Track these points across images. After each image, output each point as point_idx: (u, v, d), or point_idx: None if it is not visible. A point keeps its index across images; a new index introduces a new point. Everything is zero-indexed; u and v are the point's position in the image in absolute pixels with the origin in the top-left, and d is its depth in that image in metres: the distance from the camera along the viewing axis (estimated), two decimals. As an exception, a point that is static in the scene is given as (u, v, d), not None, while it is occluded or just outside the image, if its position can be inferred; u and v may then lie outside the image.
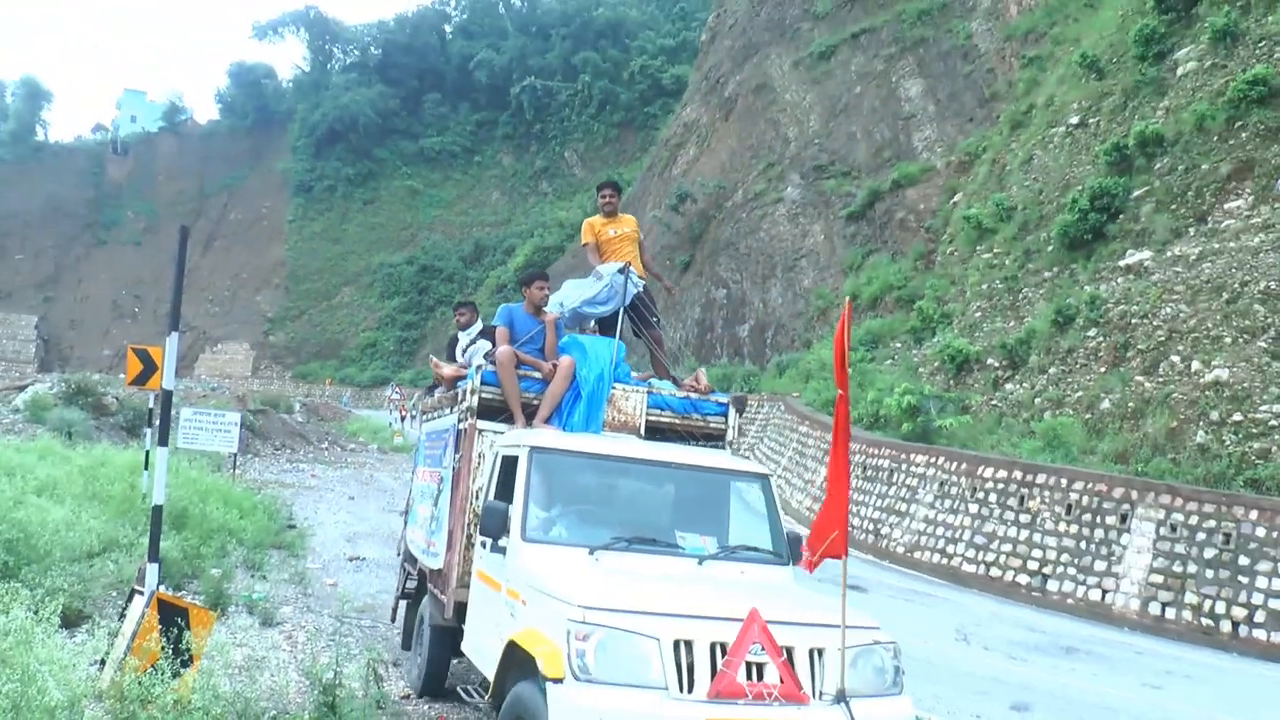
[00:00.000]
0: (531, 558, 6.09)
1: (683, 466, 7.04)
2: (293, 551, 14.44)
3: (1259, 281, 17.51)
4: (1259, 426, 15.56)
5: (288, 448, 30.60)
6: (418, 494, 9.73)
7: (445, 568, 7.62)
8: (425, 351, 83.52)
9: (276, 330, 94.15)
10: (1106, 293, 20.62)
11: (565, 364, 7.63)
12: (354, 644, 8.50)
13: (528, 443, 6.69)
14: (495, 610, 6.37)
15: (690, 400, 8.04)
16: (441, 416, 8.96)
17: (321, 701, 6.43)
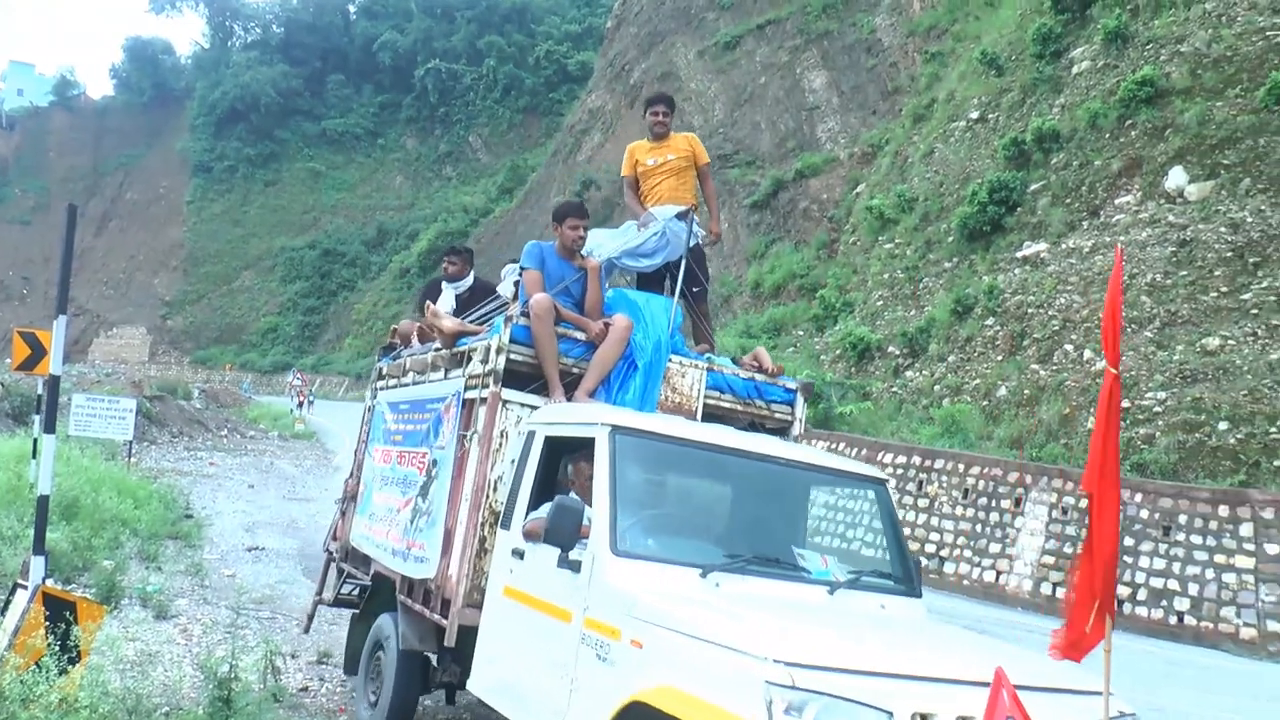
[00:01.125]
0: (627, 579, 4.61)
1: (796, 465, 5.67)
2: (189, 542, 14.11)
3: (1146, 274, 18.10)
4: (1144, 413, 16.11)
5: (186, 435, 29.89)
6: (374, 478, 7.85)
7: (440, 579, 6.00)
8: (328, 336, 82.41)
9: (175, 314, 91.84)
10: (1004, 283, 21.14)
11: (622, 325, 6.08)
12: (251, 636, 8.34)
13: (606, 421, 5.13)
14: (558, 647, 4.83)
15: (754, 383, 6.72)
16: (427, 382, 7.10)
17: (216, 696, 6.28)
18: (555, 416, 5.71)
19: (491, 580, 5.65)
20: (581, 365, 6.05)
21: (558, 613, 4.94)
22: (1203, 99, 19.44)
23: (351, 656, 7.66)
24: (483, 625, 5.64)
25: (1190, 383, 15.75)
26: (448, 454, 6.22)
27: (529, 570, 5.29)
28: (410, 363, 7.50)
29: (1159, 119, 20.17)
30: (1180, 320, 16.93)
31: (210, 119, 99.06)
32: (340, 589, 8.29)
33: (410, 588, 6.45)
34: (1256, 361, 15.10)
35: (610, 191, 50.04)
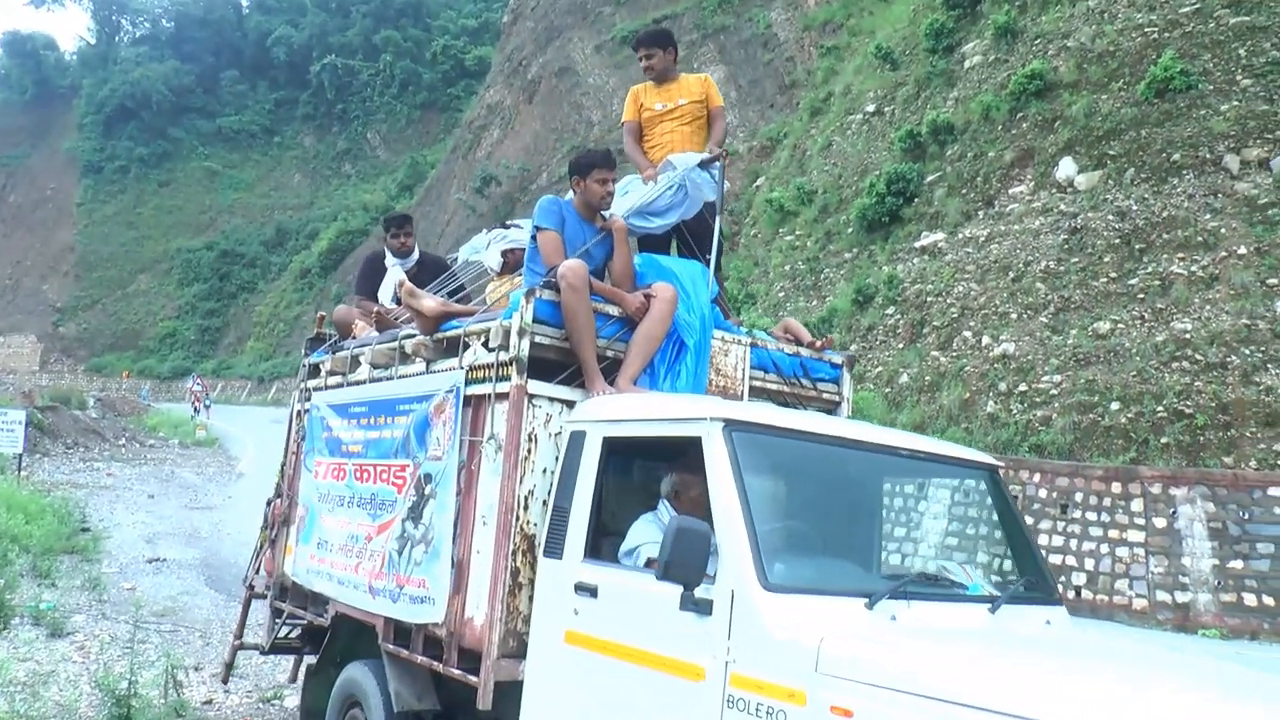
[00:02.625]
0: (788, 620, 3.61)
1: (918, 455, 4.72)
2: (86, 556, 13.71)
3: (1040, 261, 18.58)
4: (1041, 396, 16.54)
5: (81, 446, 29.01)
6: (318, 498, 6.51)
7: (454, 624, 4.93)
8: (228, 340, 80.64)
9: (67, 321, 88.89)
10: (903, 273, 21.52)
11: (667, 297, 5.01)
12: (152, 650, 8.15)
13: (716, 415, 4.07)
14: (684, 713, 3.83)
15: (800, 360, 5.85)
16: (395, 378, 5.85)
17: (115, 714, 6.15)
18: (619, 411, 4.58)
19: (541, 624, 4.57)
20: (616, 347, 5.01)
21: (678, 668, 3.86)
22: (1089, 92, 20.02)
23: (310, 715, 6.53)
24: (532, 681, 4.55)
25: (1083, 365, 16.22)
26: (447, 466, 5.10)
27: (611, 612, 4.22)
28: (369, 354, 6.15)
29: (1048, 111, 20.71)
30: (1073, 305, 17.42)
31: (99, 117, 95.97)
32: (278, 633, 7.08)
33: (399, 634, 5.39)
34: (1144, 344, 15.60)
35: (511, 187, 49.87)
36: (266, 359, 71.58)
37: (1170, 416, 14.51)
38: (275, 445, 30.17)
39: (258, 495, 21.57)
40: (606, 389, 4.73)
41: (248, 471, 27.20)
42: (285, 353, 70.07)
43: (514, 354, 4.72)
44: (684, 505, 4.36)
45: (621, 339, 5.02)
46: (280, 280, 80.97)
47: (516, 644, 4.61)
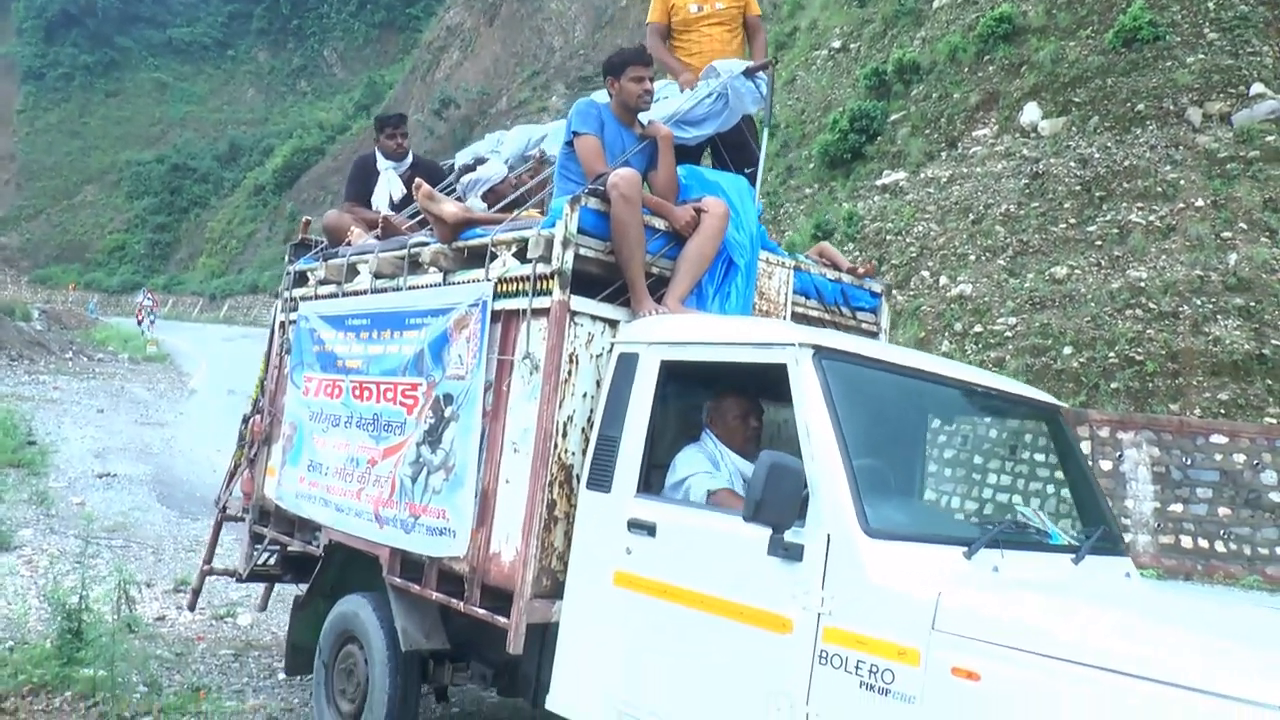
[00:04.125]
0: (892, 569, 3.30)
1: (992, 393, 4.38)
2: (33, 469, 13.52)
3: (1000, 205, 18.66)
4: (996, 337, 16.71)
5: (26, 358, 28.49)
6: (309, 417, 6.04)
7: (477, 559, 4.56)
8: (180, 255, 79.35)
9: (9, 230, 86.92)
10: (864, 210, 21.55)
11: (719, 212, 4.64)
12: (103, 565, 8.08)
13: (805, 342, 3.71)
14: (765, 668, 3.49)
15: (841, 286, 5.47)
16: (405, 289, 5.39)
17: (65, 628, 6.09)
18: (680, 333, 4.19)
19: (582, 563, 4.22)
20: (661, 264, 4.66)
21: (761, 618, 3.52)
22: (1056, 38, 20.00)
23: (297, 650, 6.08)
24: (570, 625, 4.24)
25: (1039, 309, 16.38)
26: (471, 386, 4.67)
27: (673, 553, 3.88)
28: (372, 262, 5.65)
29: (1015, 55, 20.67)
30: (1031, 250, 17.54)
31: (39, 22, 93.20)
32: (256, 560, 6.74)
33: (406, 567, 5.07)
34: (1099, 290, 15.77)
35: (469, 110, 49.15)
36: (219, 276, 70.61)
37: (1121, 362, 14.72)
38: (228, 363, 30.03)
39: (210, 412, 21.51)
40: (656, 309, 4.41)
41: (200, 388, 26.91)
42: (238, 270, 69.19)
43: (556, 267, 4.31)
44: (721, 432, 4.19)
45: (667, 255, 4.68)
46: (233, 196, 79.66)
47: (551, 583, 4.28)
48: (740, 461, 4.13)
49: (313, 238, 6.96)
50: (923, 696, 3.08)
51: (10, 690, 5.70)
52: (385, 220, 5.99)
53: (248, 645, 7.39)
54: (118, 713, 5.58)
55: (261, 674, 6.75)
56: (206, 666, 6.81)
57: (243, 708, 5.98)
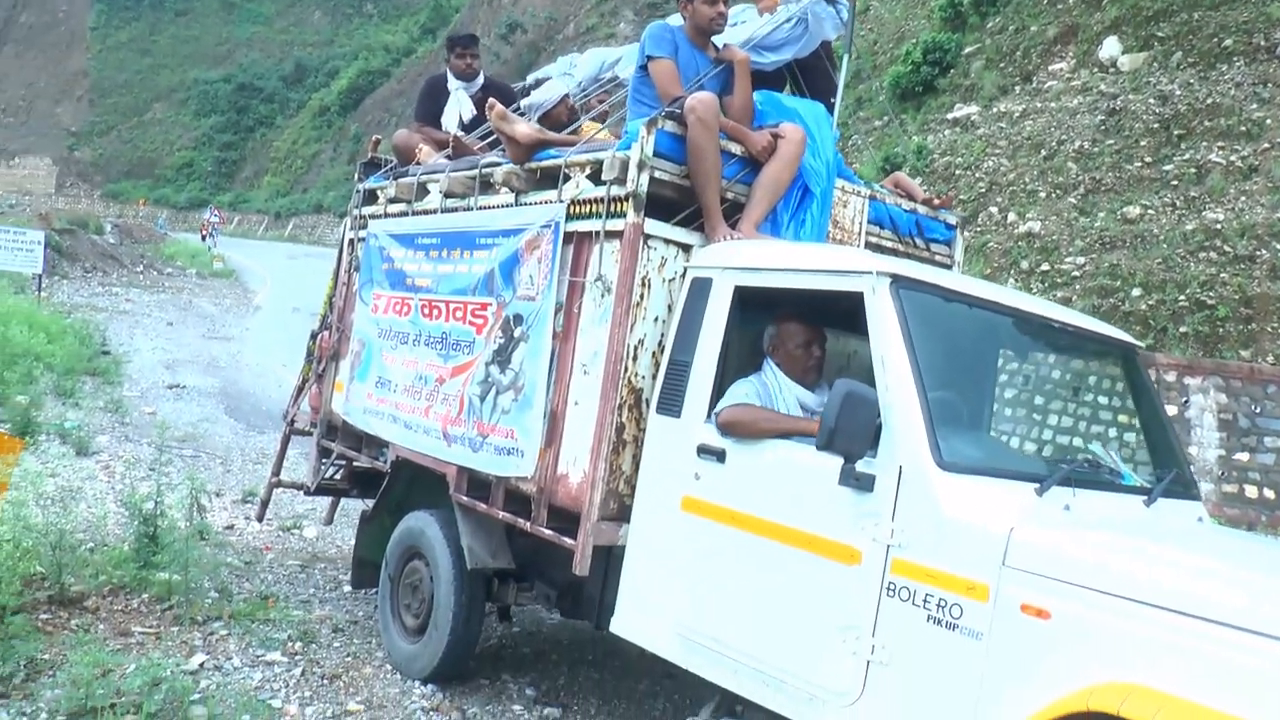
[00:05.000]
0: (964, 504, 3.25)
1: (1073, 330, 4.25)
2: (107, 379, 13.90)
3: (1074, 141, 18.24)
4: (1063, 276, 16.44)
5: (99, 270, 29.08)
6: (377, 334, 6.05)
7: (545, 480, 4.59)
8: (245, 173, 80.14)
9: (82, 145, 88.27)
10: (933, 144, 21.18)
11: (796, 139, 4.55)
12: (175, 474, 8.31)
13: (882, 270, 3.67)
14: (831, 598, 3.50)
15: (916, 217, 5.36)
16: (475, 209, 5.39)
17: (142, 532, 6.29)
18: (755, 259, 4.15)
19: (650, 487, 4.23)
20: (736, 189, 4.58)
21: (829, 548, 3.52)
22: (1141, -32, 19.36)
23: (362, 564, 6.22)
24: (636, 549, 4.26)
25: (1109, 249, 16.06)
26: (541, 308, 4.68)
27: (742, 480, 3.86)
28: (443, 182, 5.63)
29: (1097, -15, 20.06)
30: (1104, 188, 17.16)
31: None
32: (324, 474, 6.80)
33: (473, 485, 5.12)
34: (1172, 231, 15.42)
35: (536, 35, 48.77)
36: (283, 195, 71.32)
37: (1192, 306, 14.43)
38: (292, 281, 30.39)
39: (275, 329, 21.87)
40: (730, 234, 4.37)
41: (265, 305, 27.34)
42: (302, 190, 69.76)
43: (630, 189, 4.29)
44: (783, 360, 4.13)
45: (742, 180, 4.59)
46: (298, 117, 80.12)
47: (617, 506, 4.30)
48: (801, 391, 4.08)
49: (382, 156, 6.95)
50: (990, 633, 3.06)
51: (92, 589, 5.91)
52: (456, 140, 5.95)
53: (313, 557, 7.59)
54: (191, 615, 5.77)
55: (327, 585, 6.94)
56: (274, 576, 7.00)
57: (309, 617, 6.15)
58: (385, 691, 5.19)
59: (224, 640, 5.58)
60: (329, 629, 6.00)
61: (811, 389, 4.11)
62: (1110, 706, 2.68)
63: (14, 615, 4.96)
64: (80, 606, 5.72)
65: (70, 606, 5.68)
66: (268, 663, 5.36)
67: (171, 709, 4.56)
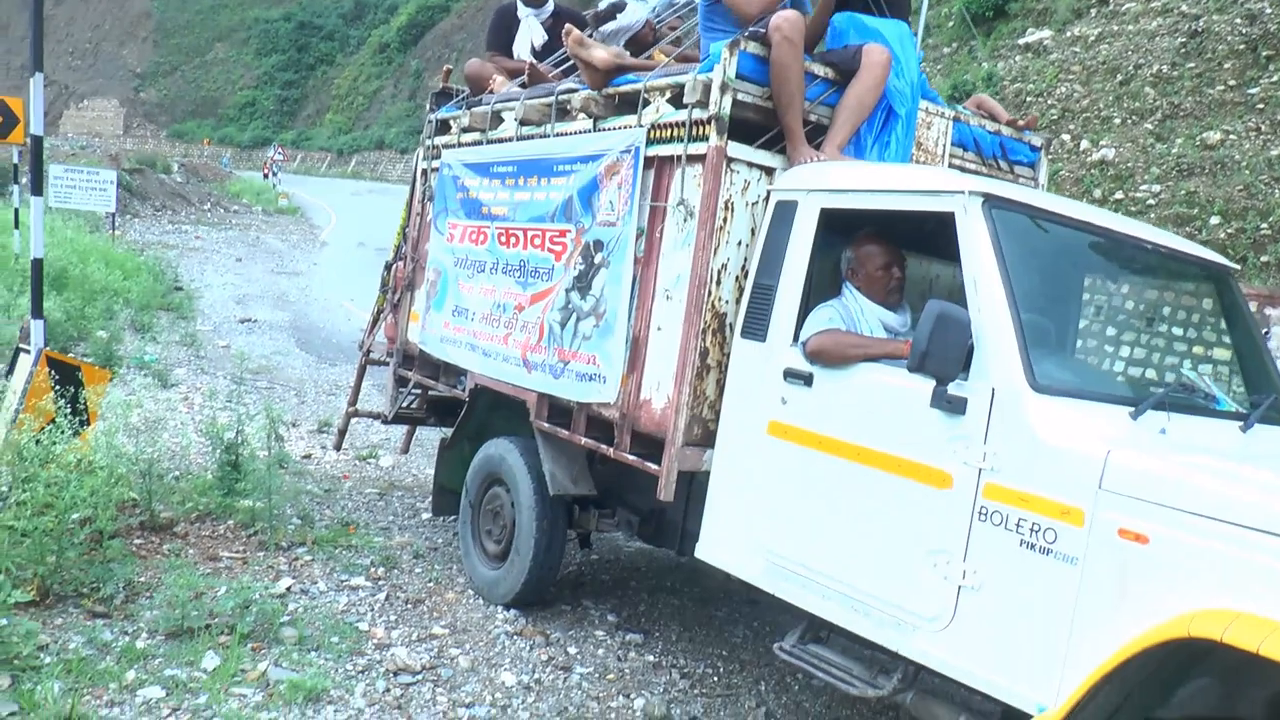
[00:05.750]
0: (1059, 427, 3.17)
1: (1167, 252, 4.12)
2: (181, 313, 14.19)
3: (1152, 65, 17.70)
4: (1137, 205, 16.04)
5: (168, 209, 29.52)
6: (453, 263, 6.05)
7: (627, 405, 4.57)
8: (307, 111, 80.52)
9: (147, 87, 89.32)
10: (1003, 70, 20.67)
11: (881, 59, 4.42)
12: (252, 404, 8.44)
13: (974, 189, 3.57)
14: (922, 523, 3.44)
15: (1000, 139, 5.21)
16: (551, 136, 5.30)
17: (225, 461, 6.42)
18: (841, 180, 4.05)
19: (735, 412, 4.19)
20: (819, 111, 4.48)
21: (919, 472, 3.46)
22: (1227, -122, 18.58)
23: (443, 492, 6.26)
24: (721, 474, 4.23)
25: (1186, 176, 15.64)
26: (622, 233, 4.63)
27: (830, 404, 3.81)
28: (519, 109, 5.58)
29: (1179, -101, 19.30)
30: (1183, 113, 16.67)
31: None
32: (401, 403, 6.85)
33: (554, 412, 5.12)
34: (1256, 157, 14.95)
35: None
36: (345, 132, 71.67)
37: (1274, 234, 14.04)
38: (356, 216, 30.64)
39: (341, 263, 22.11)
40: (814, 155, 4.25)
41: (331, 241, 27.62)
42: (364, 126, 69.99)
43: (713, 112, 4.19)
44: (863, 284, 4.05)
45: (825, 102, 4.48)
46: (359, 54, 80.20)
47: (701, 432, 4.28)
48: (883, 312, 3.99)
49: (454, 86, 6.88)
50: (1085, 558, 2.99)
51: (180, 516, 6.06)
52: (531, 67, 5.83)
53: (390, 485, 7.69)
54: (275, 541, 5.89)
55: (405, 513, 7.04)
56: (353, 503, 7.11)
57: (390, 543, 6.25)
58: (469, 616, 5.28)
59: (308, 565, 5.70)
60: (410, 555, 6.09)
61: (893, 311, 4.05)
62: (1213, 633, 2.60)
63: (111, 540, 5.11)
64: (170, 532, 5.87)
65: (161, 532, 5.84)
66: (352, 587, 5.46)
67: (263, 630, 4.68)
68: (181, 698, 4.02)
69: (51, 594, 4.73)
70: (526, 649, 4.97)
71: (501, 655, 4.87)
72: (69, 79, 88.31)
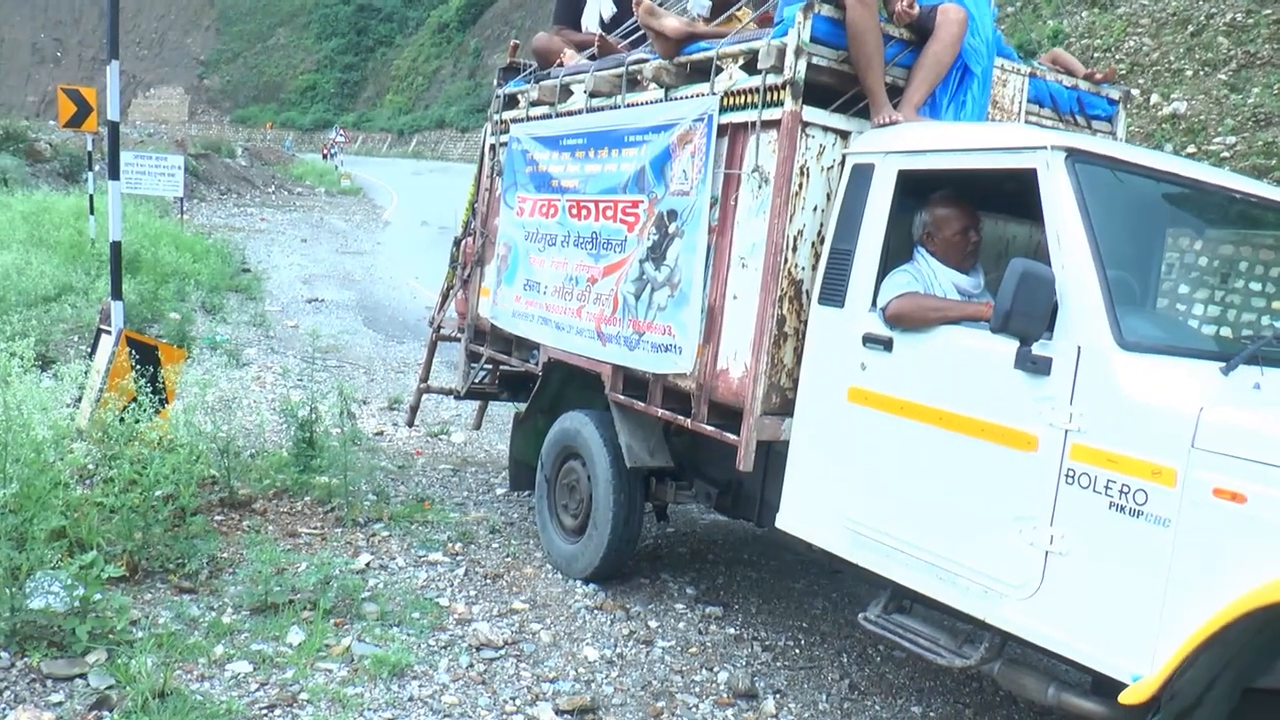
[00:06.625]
0: (1147, 385, 3.08)
1: (1259, 202, 3.93)
2: (250, 295, 14.38)
3: (1225, 14, 17.18)
4: (1211, 158, 15.61)
5: (234, 192, 29.93)
6: (524, 237, 6.03)
7: (704, 375, 4.53)
8: (367, 94, 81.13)
9: (211, 74, 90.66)
10: (1069, 27, 20.21)
11: (957, 17, 4.33)
12: (323, 383, 8.53)
13: (1057, 144, 3.46)
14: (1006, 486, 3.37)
15: (1077, 94, 5.08)
16: (622, 106, 5.24)
17: (300, 438, 6.49)
18: (918, 142, 3.96)
19: (814, 380, 4.13)
20: (893, 72, 4.39)
21: (1004, 435, 3.38)
22: None
23: (519, 466, 6.36)
24: (801, 443, 4.18)
25: (1263, 126, 15.18)
26: (696, 202, 4.58)
27: (911, 368, 3.74)
28: (589, 81, 5.51)
29: None
30: (1259, 62, 16.16)
31: None
32: (473, 378, 6.90)
33: (629, 384, 5.09)
34: (1338, 105, 14.49)
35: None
36: (406, 113, 72.13)
37: (1360, 184, 13.57)
38: (418, 196, 30.82)
39: (405, 242, 22.26)
40: (895, 116, 4.17)
41: (394, 220, 27.83)
42: (425, 106, 70.37)
43: (788, 77, 4.11)
44: (938, 248, 3.96)
45: (900, 64, 4.39)
46: (418, 35, 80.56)
47: (780, 401, 4.22)
48: (956, 275, 3.89)
49: (521, 61, 6.82)
50: (1179, 519, 2.89)
51: (258, 493, 6.13)
52: (602, 39, 5.77)
53: (464, 461, 7.73)
54: (352, 518, 5.95)
55: (479, 488, 7.07)
56: (427, 479, 7.15)
57: (466, 519, 6.28)
58: (548, 591, 5.28)
59: (386, 541, 5.74)
60: (486, 530, 6.11)
61: (966, 274, 3.96)
62: None
63: (193, 516, 5.18)
64: (249, 509, 5.95)
65: (240, 509, 5.92)
66: (430, 563, 5.49)
67: (344, 605, 4.72)
68: (269, 672, 4.07)
69: (140, 569, 4.81)
70: (607, 623, 4.96)
71: (583, 630, 4.87)
72: (136, 68, 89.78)
